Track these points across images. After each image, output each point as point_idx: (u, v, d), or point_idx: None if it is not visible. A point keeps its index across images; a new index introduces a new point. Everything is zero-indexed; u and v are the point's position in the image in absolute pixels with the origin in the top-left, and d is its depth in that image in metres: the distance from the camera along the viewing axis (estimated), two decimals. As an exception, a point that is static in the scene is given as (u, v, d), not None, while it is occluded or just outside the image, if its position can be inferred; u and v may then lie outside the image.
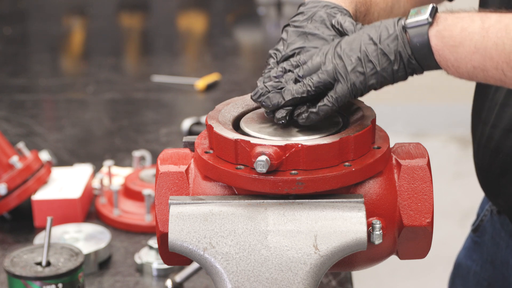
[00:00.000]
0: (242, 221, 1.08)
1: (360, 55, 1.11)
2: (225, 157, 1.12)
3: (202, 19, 3.94)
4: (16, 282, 1.46)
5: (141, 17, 4.01)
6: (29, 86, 2.87)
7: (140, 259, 1.67)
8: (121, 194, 1.90)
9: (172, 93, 2.75)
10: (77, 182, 1.89)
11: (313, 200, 1.09)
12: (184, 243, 1.08)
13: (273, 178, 1.07)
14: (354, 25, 1.16)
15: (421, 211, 1.14)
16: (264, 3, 3.90)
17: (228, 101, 1.23)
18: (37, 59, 3.29)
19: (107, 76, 2.96)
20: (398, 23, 1.11)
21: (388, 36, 1.11)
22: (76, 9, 4.05)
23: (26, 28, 3.78)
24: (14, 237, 1.80)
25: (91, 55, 3.41)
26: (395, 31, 1.11)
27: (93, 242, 1.70)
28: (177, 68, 3.09)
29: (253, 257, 1.07)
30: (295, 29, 1.20)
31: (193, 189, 1.14)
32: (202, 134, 1.19)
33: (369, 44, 1.11)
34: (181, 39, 3.65)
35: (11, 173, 1.82)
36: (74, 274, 1.47)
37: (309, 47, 1.18)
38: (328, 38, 1.19)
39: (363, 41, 1.12)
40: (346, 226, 1.08)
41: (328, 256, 1.07)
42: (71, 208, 1.83)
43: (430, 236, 1.15)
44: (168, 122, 2.48)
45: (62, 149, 2.25)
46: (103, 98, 2.73)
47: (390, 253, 1.17)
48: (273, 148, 1.08)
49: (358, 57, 1.11)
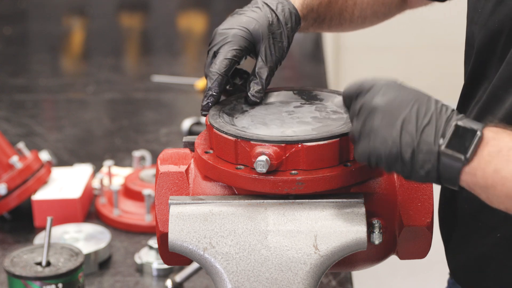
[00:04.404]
0: (242, 221, 1.08)
1: (394, 135, 1.03)
2: (225, 157, 1.12)
3: (202, 19, 3.94)
4: (16, 282, 1.45)
5: (141, 17, 4.01)
6: (29, 86, 2.87)
7: (140, 259, 1.67)
8: (121, 194, 1.90)
9: (172, 93, 2.74)
10: (77, 182, 1.89)
11: (313, 200, 1.09)
12: (184, 243, 1.08)
13: (273, 178, 1.07)
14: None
15: (421, 211, 1.14)
16: (264, 3, 3.89)
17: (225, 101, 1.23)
18: (37, 59, 3.28)
19: (107, 76, 2.96)
20: (437, 134, 1.02)
21: (426, 142, 1.02)
22: (76, 9, 4.05)
23: (26, 28, 3.78)
24: (14, 237, 1.80)
25: (91, 55, 3.41)
26: (433, 145, 1.02)
27: (93, 242, 1.70)
28: (177, 68, 3.09)
29: (253, 257, 1.07)
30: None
31: (193, 189, 1.14)
32: (202, 134, 1.19)
33: (407, 132, 1.03)
34: (181, 39, 3.65)
35: (11, 173, 1.82)
36: (74, 274, 1.47)
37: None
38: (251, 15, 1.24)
39: (406, 119, 1.03)
40: (346, 226, 1.08)
41: (328, 256, 1.07)
42: (71, 208, 1.83)
43: (430, 236, 1.15)
44: (168, 122, 2.48)
45: (62, 149, 2.25)
46: (103, 98, 2.73)
47: (390, 253, 1.17)
48: (273, 148, 1.08)
49: (393, 135, 1.03)
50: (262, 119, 1.17)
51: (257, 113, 1.19)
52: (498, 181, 1.00)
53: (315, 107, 1.21)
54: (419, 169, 1.03)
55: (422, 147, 1.02)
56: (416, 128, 1.03)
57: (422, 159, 1.02)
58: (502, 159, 1.00)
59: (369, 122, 1.04)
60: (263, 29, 1.25)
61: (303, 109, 1.21)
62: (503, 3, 1.23)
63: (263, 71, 1.23)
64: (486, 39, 1.27)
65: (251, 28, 1.25)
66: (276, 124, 1.15)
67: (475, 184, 1.02)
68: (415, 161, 1.02)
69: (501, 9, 1.24)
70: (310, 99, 1.24)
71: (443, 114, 1.03)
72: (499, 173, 1.00)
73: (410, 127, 1.02)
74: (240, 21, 1.25)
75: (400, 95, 1.05)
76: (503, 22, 1.23)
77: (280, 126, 1.14)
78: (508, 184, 1.00)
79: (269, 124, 1.15)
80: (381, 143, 1.03)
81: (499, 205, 1.03)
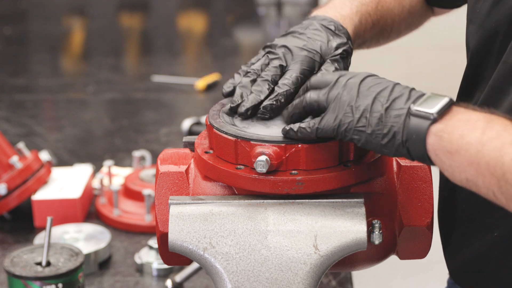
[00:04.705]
0: (242, 221, 1.08)
1: (365, 105, 1.05)
2: (225, 157, 1.12)
3: (202, 19, 3.94)
4: (16, 282, 1.46)
5: (141, 17, 4.01)
6: (29, 86, 2.87)
7: (140, 259, 1.67)
8: (121, 194, 1.90)
9: (172, 93, 2.75)
10: (77, 182, 1.89)
11: (313, 200, 1.09)
12: (184, 243, 1.08)
13: (273, 178, 1.07)
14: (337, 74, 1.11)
15: (421, 211, 1.14)
16: (264, 3, 3.90)
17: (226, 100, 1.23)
18: (37, 59, 3.29)
19: (107, 76, 2.96)
20: (408, 101, 1.04)
21: (396, 108, 1.04)
22: (76, 9, 4.05)
23: (26, 28, 3.78)
24: (14, 237, 1.80)
25: (91, 55, 3.41)
26: (402, 108, 1.04)
27: (93, 242, 1.70)
28: (177, 68, 3.09)
29: (253, 257, 1.07)
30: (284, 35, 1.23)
31: (193, 189, 1.14)
32: (202, 134, 1.19)
33: (379, 101, 1.05)
34: (181, 39, 3.65)
35: (11, 173, 1.82)
36: (74, 274, 1.47)
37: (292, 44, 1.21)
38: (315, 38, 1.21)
39: (380, 92, 1.05)
40: (346, 226, 1.08)
41: (328, 256, 1.07)
42: (71, 208, 1.83)
43: (430, 236, 1.15)
44: (168, 122, 2.48)
45: (62, 149, 2.25)
46: (103, 98, 2.73)
47: (390, 253, 1.17)
48: (273, 148, 1.08)
49: (363, 106, 1.05)
50: (262, 119, 1.17)
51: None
52: (462, 146, 1.00)
53: None
54: (386, 133, 1.04)
55: (391, 112, 1.04)
56: (388, 98, 1.05)
57: (391, 122, 1.04)
58: (469, 126, 1.01)
59: (343, 95, 1.06)
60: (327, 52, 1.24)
61: None
62: (500, 3, 1.23)
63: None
64: (483, 40, 1.27)
65: (322, 49, 1.23)
66: (276, 124, 1.15)
67: (441, 148, 1.01)
68: (383, 125, 1.04)
69: (498, 9, 1.24)
70: None
71: (417, 91, 1.06)
72: (464, 138, 1.00)
73: (382, 99, 1.05)
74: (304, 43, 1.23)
75: (379, 79, 1.08)
76: (499, 22, 1.23)
77: (280, 126, 1.14)
78: (472, 150, 0.99)
79: (269, 124, 1.15)
80: (352, 112, 1.05)
81: (460, 175, 1.02)
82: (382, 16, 1.40)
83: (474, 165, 0.99)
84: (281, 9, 3.85)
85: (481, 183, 1.00)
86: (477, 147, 0.99)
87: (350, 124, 1.05)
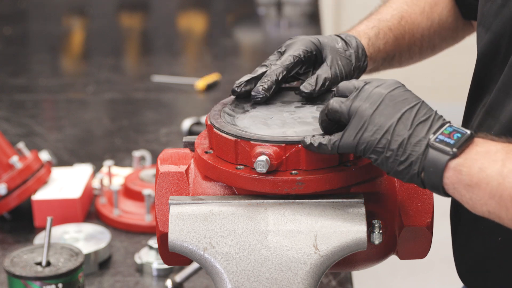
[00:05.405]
0: (242, 221, 1.08)
1: (389, 124, 1.03)
2: (225, 157, 1.12)
3: (202, 19, 3.94)
4: (16, 282, 1.46)
5: (141, 17, 4.01)
6: (29, 86, 2.87)
7: (140, 259, 1.67)
8: (121, 194, 1.90)
9: (172, 93, 2.74)
10: (77, 182, 1.89)
11: (313, 200, 1.09)
12: (184, 243, 1.08)
13: (273, 178, 1.07)
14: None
15: (421, 211, 1.14)
16: (264, 3, 3.89)
17: (226, 100, 1.23)
18: (37, 59, 3.28)
19: (107, 76, 2.96)
20: (430, 130, 1.03)
21: (417, 135, 1.02)
22: (76, 9, 4.05)
23: (26, 28, 3.78)
24: (14, 237, 1.80)
25: (91, 55, 3.41)
26: (423, 138, 1.02)
27: (93, 242, 1.70)
28: (177, 68, 3.09)
29: (253, 257, 1.07)
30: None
31: (193, 189, 1.14)
32: (202, 134, 1.19)
33: (403, 123, 1.03)
34: (181, 39, 3.65)
35: (11, 173, 1.82)
36: (74, 274, 1.47)
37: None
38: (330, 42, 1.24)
39: (406, 113, 1.03)
40: (346, 226, 1.08)
41: (328, 256, 1.07)
42: (71, 208, 1.83)
43: (430, 236, 1.15)
44: (168, 122, 2.48)
45: (62, 149, 2.25)
46: (103, 98, 2.73)
47: (390, 253, 1.17)
48: (273, 148, 1.08)
49: (387, 125, 1.03)
50: (263, 119, 1.17)
51: (258, 113, 1.19)
52: (483, 179, 0.99)
53: (316, 107, 1.21)
54: (403, 160, 1.02)
55: (412, 140, 1.02)
56: (412, 122, 1.03)
57: (410, 150, 1.02)
58: (489, 158, 1.00)
59: (366, 109, 1.04)
60: (332, 44, 1.26)
61: (304, 109, 1.21)
62: (506, 6, 1.23)
63: (324, 71, 1.23)
64: (490, 42, 1.27)
65: (320, 38, 1.26)
66: (277, 124, 1.15)
67: (460, 181, 1.01)
68: (402, 151, 1.02)
69: (505, 11, 1.23)
70: (312, 99, 1.24)
71: (441, 119, 1.04)
72: (485, 171, 0.99)
73: (407, 121, 1.03)
74: (309, 35, 1.28)
75: (405, 93, 1.06)
76: (506, 24, 1.23)
77: (281, 127, 1.14)
78: (493, 183, 0.99)
79: (270, 124, 1.15)
80: (373, 131, 1.03)
81: (481, 208, 1.01)
82: (407, 31, 1.39)
83: (496, 198, 0.99)
84: (281, 9, 3.85)
85: (505, 215, 1.00)
86: (498, 179, 0.99)
87: (370, 143, 1.04)
